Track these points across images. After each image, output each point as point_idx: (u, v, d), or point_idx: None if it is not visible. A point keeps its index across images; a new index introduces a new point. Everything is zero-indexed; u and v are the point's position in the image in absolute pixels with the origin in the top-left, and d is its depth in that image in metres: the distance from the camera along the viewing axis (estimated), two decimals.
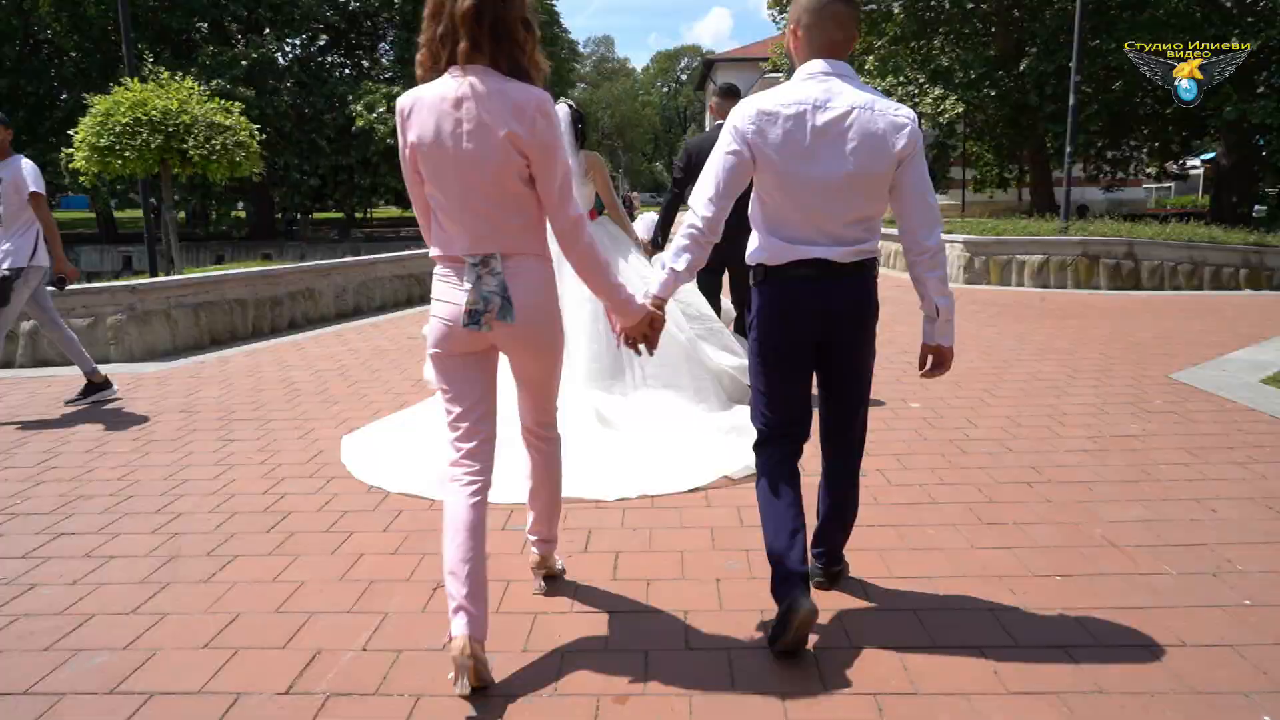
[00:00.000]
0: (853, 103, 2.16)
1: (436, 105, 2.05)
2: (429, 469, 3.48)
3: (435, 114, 2.04)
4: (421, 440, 3.89)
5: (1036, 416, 4.49)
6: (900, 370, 5.71)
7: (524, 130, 2.01)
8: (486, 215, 2.10)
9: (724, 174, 2.23)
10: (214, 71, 25.56)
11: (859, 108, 2.16)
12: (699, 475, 3.55)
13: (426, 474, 3.49)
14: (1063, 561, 2.74)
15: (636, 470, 3.56)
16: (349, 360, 6.57)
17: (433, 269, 2.26)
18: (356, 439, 4.24)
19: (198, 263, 29.60)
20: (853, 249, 2.23)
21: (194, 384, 5.82)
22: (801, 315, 2.27)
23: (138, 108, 8.50)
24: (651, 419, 4.01)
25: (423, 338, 2.65)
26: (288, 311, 8.37)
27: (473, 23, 2.00)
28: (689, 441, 3.84)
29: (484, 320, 2.11)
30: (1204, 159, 37.84)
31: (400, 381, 5.71)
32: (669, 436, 3.88)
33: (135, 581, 2.75)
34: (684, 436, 3.89)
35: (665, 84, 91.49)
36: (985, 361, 5.98)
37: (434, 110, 2.05)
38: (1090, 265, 10.79)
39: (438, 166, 2.08)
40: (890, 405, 4.79)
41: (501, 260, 2.11)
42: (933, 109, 22.32)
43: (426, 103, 2.06)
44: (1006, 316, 8.25)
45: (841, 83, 2.19)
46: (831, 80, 2.19)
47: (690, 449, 3.77)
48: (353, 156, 27.06)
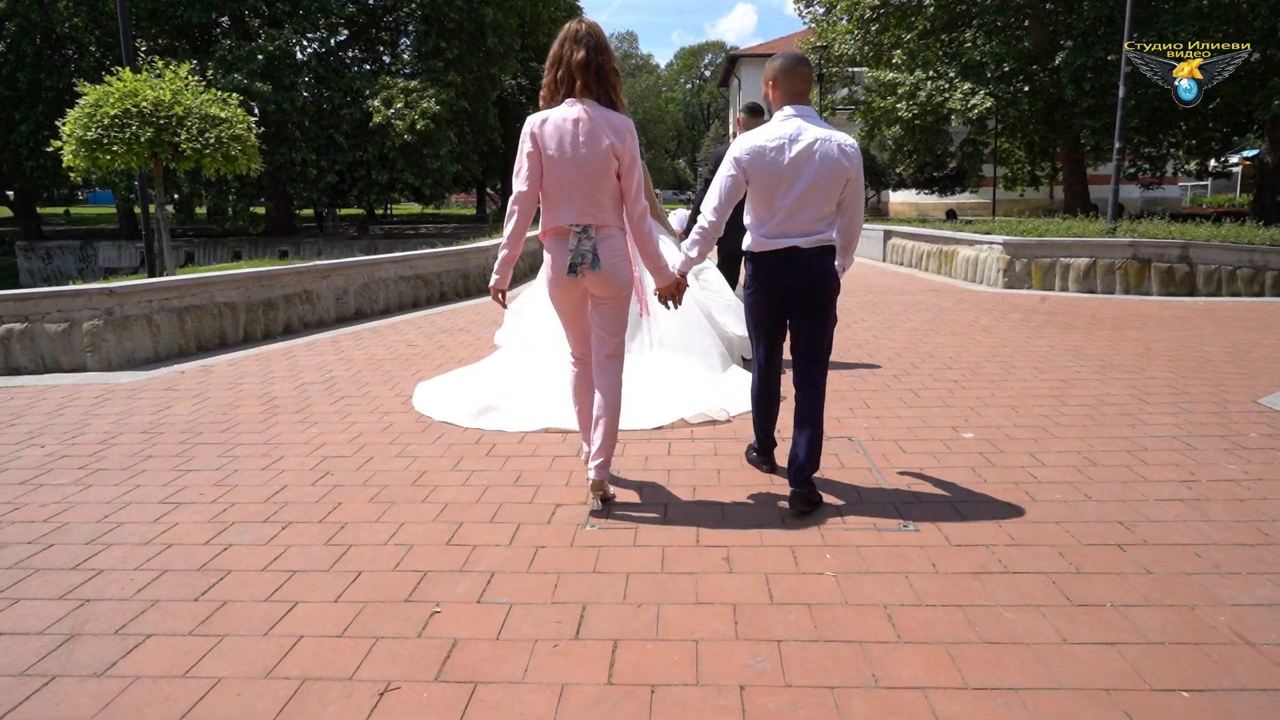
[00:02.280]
0: (816, 136, 3.07)
1: (560, 123, 2.99)
2: (478, 403, 4.65)
3: (559, 129, 2.99)
4: (487, 384, 5.01)
5: (1113, 452, 3.86)
6: (946, 390, 5.09)
7: (619, 143, 3.00)
8: (589, 196, 3.03)
9: (725, 191, 3.19)
10: (231, 66, 25.29)
11: (820, 139, 3.07)
12: (688, 411, 4.52)
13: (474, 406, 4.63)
14: (1185, 667, 2.14)
15: (643, 410, 4.50)
16: (340, 371, 6.06)
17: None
18: (431, 386, 5.27)
19: (215, 259, 29.44)
20: (815, 238, 3.13)
21: (167, 397, 5.32)
22: (779, 285, 3.20)
23: (128, 99, 8.03)
24: (661, 373, 5.02)
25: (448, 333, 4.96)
26: (283, 316, 7.88)
27: (583, 69, 2.99)
28: (686, 390, 4.81)
29: (580, 270, 3.06)
30: (1245, 155, 36.66)
31: (390, 398, 5.18)
32: (669, 386, 4.86)
33: (14, 673, 2.22)
34: (682, 386, 4.85)
35: (689, 80, 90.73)
36: (1041, 381, 5.34)
37: (558, 126, 2.99)
38: (1141, 269, 10.06)
39: (559, 163, 2.99)
40: (940, 436, 4.18)
41: (596, 230, 3.07)
42: (962, 104, 21.49)
43: (553, 121, 3.00)
44: (1055, 326, 7.58)
45: (806, 122, 3.11)
46: (799, 120, 3.12)
47: (685, 395, 4.73)
48: (369, 152, 26.65)
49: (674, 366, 5.07)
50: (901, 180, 31.88)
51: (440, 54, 27.23)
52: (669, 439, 4.24)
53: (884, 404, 4.83)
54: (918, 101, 22.45)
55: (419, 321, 8.55)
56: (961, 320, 8.01)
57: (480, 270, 11.25)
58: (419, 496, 3.46)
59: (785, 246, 3.11)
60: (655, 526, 3.10)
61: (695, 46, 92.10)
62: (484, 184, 46.20)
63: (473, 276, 11.01)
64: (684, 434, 4.32)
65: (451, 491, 3.50)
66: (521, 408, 4.58)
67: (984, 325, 7.67)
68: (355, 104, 26.63)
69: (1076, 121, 21.53)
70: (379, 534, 3.08)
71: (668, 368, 5.06)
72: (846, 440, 4.13)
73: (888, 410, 4.69)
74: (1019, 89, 21.80)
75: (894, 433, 4.25)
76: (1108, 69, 20.28)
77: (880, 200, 37.58)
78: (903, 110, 22.91)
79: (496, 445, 4.16)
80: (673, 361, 5.11)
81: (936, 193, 32.74)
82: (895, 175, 31.52)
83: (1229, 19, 19.16)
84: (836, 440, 4.11)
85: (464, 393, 4.89)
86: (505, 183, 49.86)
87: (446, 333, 7.78)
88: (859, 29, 25.19)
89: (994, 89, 21.12)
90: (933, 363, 5.97)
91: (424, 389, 5.23)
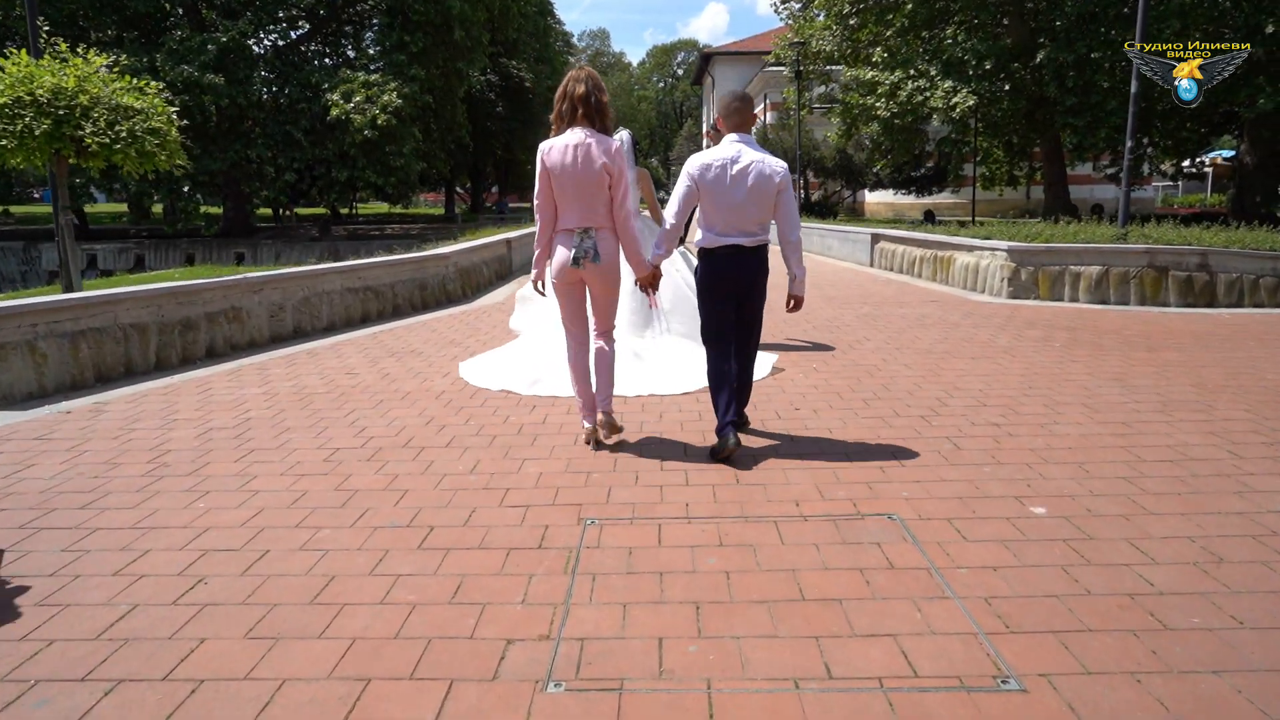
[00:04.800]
0: (752, 159, 3.94)
1: (563, 149, 3.84)
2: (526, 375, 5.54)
3: (563, 152, 3.84)
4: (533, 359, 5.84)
5: (1235, 539, 2.98)
6: (990, 439, 4.20)
7: (611, 162, 3.85)
8: (588, 205, 3.90)
9: (682, 199, 4.06)
10: (182, 57, 23.92)
11: (756, 161, 3.93)
12: (690, 385, 5.37)
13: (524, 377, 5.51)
14: None
15: (652, 380, 5.41)
16: (259, 410, 5.05)
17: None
18: (475, 363, 6.14)
19: (168, 263, 27.96)
20: (755, 238, 4.01)
21: (32, 451, 4.28)
22: (726, 276, 4.04)
23: (20, 85, 6.90)
24: (670, 355, 5.88)
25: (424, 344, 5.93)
26: (205, 337, 6.83)
27: (583, 102, 3.87)
28: (690, 367, 5.53)
29: (582, 262, 3.90)
30: (1223, 156, 36.46)
31: (310, 454, 4.18)
32: (677, 364, 5.68)
33: None
34: (687, 365, 5.62)
35: (661, 79, 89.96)
36: (1100, 425, 4.47)
37: (563, 150, 3.84)
38: (1158, 278, 9.30)
39: (563, 179, 3.86)
40: (1003, 511, 3.28)
41: (595, 230, 3.92)
42: (944, 103, 20.77)
43: (557, 147, 3.85)
44: (1082, 345, 6.76)
45: (746, 147, 3.98)
46: (741, 146, 3.98)
47: (689, 372, 5.49)
48: (329, 149, 25.40)
49: (682, 349, 5.99)
50: (878, 180, 31.22)
51: (404, 47, 26.05)
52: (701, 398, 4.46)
53: (921, 461, 3.93)
54: (898, 100, 21.75)
55: (365, 341, 7.53)
56: (977, 339, 7.16)
57: (439, 281, 10.22)
58: (317, 625, 2.49)
59: (730, 244, 3.96)
60: None
61: (668, 45, 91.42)
62: (453, 183, 44.97)
63: (431, 288, 9.97)
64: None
65: (364, 619, 2.54)
66: (564, 377, 4.98)
67: (1003, 345, 6.83)
68: (314, 99, 25.36)
69: (1059, 120, 20.93)
70: (249, 701, 2.11)
71: (678, 349, 6.01)
72: (886, 519, 3.23)
73: (926, 470, 3.80)
74: (1000, 87, 21.13)
75: (943, 506, 3.35)
76: (1091, 66, 19.70)
77: (856, 200, 36.92)
78: (882, 109, 22.20)
79: (432, 532, 3.20)
80: (681, 345, 6.05)
81: (914, 193, 32.14)
82: (872, 175, 30.86)
83: (1210, 17, 18.64)
84: (873, 519, 3.21)
85: (515, 366, 5.79)
86: (475, 182, 48.63)
87: (395, 356, 6.78)
88: (837, 24, 24.45)
89: (976, 86, 20.42)
90: (962, 398, 5.09)
91: (471, 365, 6.12)
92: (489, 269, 12.61)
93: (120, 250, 28.02)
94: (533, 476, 3.79)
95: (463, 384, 5.70)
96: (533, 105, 40.06)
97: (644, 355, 5.85)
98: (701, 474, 3.80)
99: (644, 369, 5.62)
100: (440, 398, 5.33)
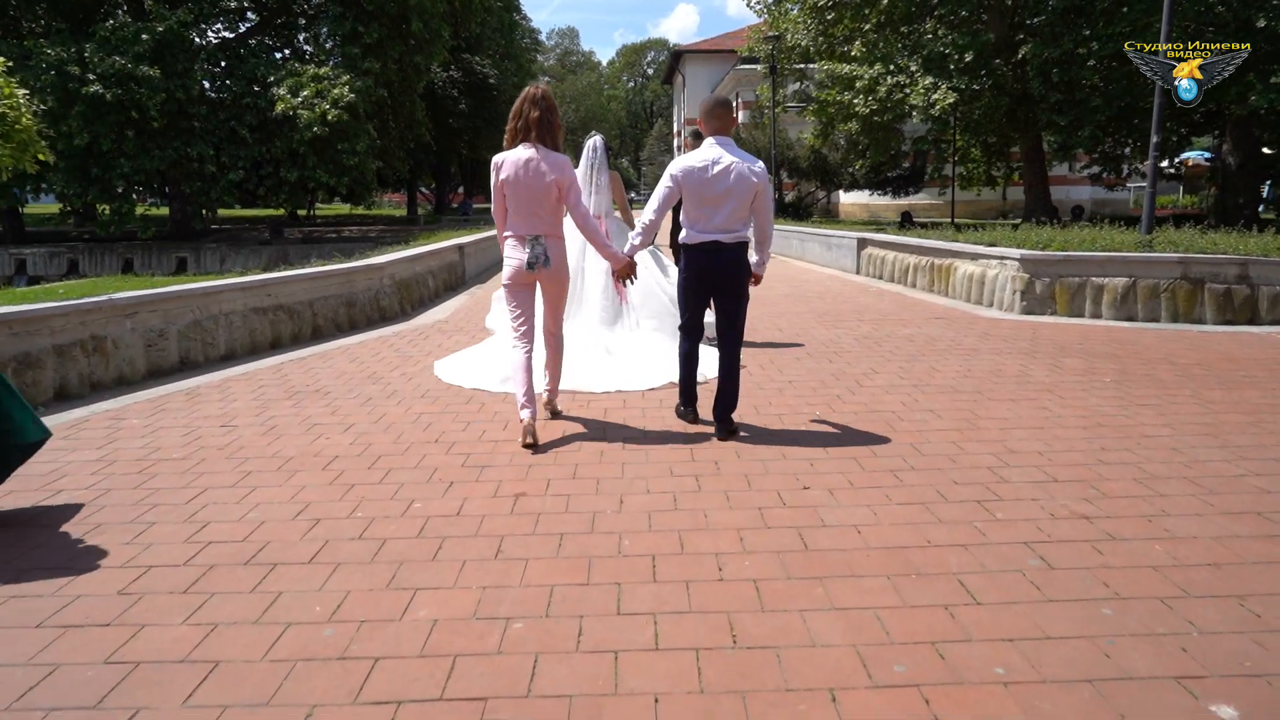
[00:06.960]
0: (733, 159, 4.19)
1: (516, 161, 4.25)
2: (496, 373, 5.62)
3: (515, 165, 4.25)
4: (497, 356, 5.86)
5: None
6: (1084, 539, 2.94)
7: (560, 176, 4.25)
8: (538, 214, 4.30)
9: (663, 198, 4.36)
10: (114, 48, 22.18)
11: (735, 162, 4.19)
12: (658, 381, 5.60)
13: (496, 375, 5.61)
14: None
15: (621, 377, 5.62)
16: (75, 487, 3.67)
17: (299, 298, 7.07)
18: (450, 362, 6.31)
19: (104, 269, 26.09)
20: (734, 235, 4.24)
21: None
22: (705, 270, 4.32)
23: None
24: (640, 349, 6.05)
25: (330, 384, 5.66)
26: (52, 376, 5.41)
27: (537, 124, 4.25)
28: (658, 363, 5.79)
29: (535, 266, 4.31)
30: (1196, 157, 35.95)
31: (116, 573, 2.83)
32: (646, 360, 5.87)
33: None
34: (656, 360, 5.84)
35: (631, 78, 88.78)
36: (1227, 516, 3.23)
37: (515, 164, 4.25)
38: (1193, 291, 8.19)
39: (516, 190, 4.26)
40: (1172, 705, 2.03)
41: (545, 238, 4.33)
42: (923, 100, 19.71)
43: (510, 160, 4.27)
44: (1137, 382, 5.58)
45: (725, 151, 4.23)
46: (720, 149, 4.24)
47: (657, 367, 5.74)
48: (278, 147, 23.76)
49: (652, 343, 6.11)
50: (854, 180, 30.17)
51: (358, 38, 24.49)
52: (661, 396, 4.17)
53: (992, 583, 2.67)
54: (877, 97, 20.69)
55: (265, 375, 6.15)
56: (1006, 371, 5.96)
57: (370, 296, 8.82)
58: None
59: (710, 240, 4.25)
60: None
61: (638, 44, 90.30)
62: (415, 183, 43.26)
63: (361, 304, 8.57)
64: None
65: None
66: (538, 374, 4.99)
67: (1042, 381, 5.63)
68: (261, 94, 23.72)
69: (1043, 117, 19.98)
70: None
71: (647, 343, 6.11)
72: None
73: (1003, 598, 2.54)
74: (982, 84, 20.12)
75: (1054, 700, 2.09)
76: (1076, 62, 18.77)
77: (830, 201, 35.88)
78: (860, 105, 21.13)
79: None
80: (651, 339, 6.16)
81: (890, 193, 31.13)
82: (847, 175, 29.82)
83: (1197, 12, 17.77)
84: None
85: (487, 366, 5.81)
86: (439, 182, 46.92)
87: (295, 397, 5.42)
88: (813, 18, 23.35)
89: (957, 82, 19.39)
90: (1022, 466, 3.86)
91: (445, 364, 6.22)
92: (435, 280, 11.22)
93: (52, 255, 26.13)
94: (426, 625, 2.48)
95: (367, 444, 4.37)
96: (498, 103, 38.46)
97: (615, 350, 6.01)
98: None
99: (614, 364, 5.79)
100: (330, 467, 3.99)
